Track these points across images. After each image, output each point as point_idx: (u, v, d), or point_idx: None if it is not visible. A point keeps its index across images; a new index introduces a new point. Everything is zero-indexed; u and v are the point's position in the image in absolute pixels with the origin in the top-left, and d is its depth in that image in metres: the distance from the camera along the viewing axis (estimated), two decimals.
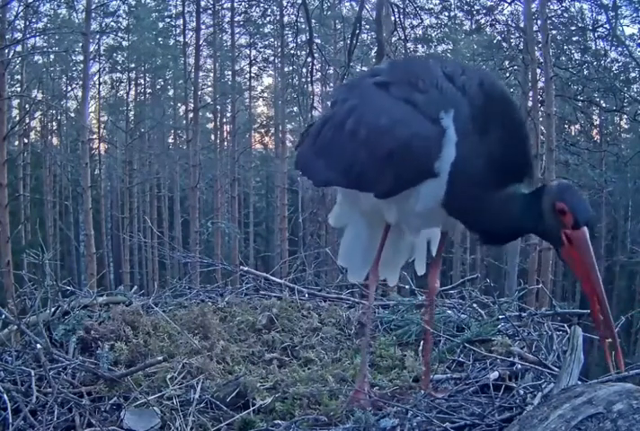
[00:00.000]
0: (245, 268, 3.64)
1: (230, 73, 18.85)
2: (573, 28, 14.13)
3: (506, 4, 13.04)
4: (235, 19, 17.30)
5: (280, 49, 17.67)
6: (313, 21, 10.45)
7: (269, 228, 23.18)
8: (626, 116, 14.75)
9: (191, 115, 16.67)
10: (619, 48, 13.85)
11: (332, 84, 15.37)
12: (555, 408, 1.57)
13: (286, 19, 15.46)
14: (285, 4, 15.04)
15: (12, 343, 2.45)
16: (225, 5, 17.07)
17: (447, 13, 16.67)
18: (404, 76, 2.11)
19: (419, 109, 1.99)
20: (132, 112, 21.42)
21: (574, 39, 15.25)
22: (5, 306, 2.61)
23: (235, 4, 16.87)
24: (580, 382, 1.90)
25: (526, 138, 2.06)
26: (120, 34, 18.37)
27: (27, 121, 17.93)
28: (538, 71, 10.85)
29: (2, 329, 2.57)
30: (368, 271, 2.40)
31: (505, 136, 1.98)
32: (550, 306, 3.06)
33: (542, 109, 10.73)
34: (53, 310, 2.65)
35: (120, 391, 2.11)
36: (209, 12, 16.80)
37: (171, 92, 22.62)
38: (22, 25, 14.13)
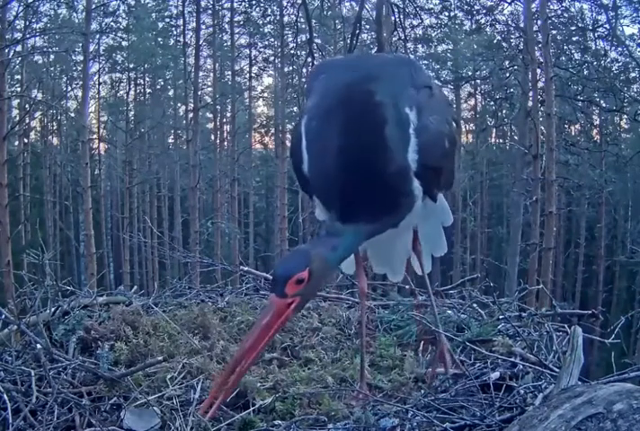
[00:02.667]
0: (245, 268, 3.64)
1: (230, 73, 18.85)
2: (573, 28, 14.13)
3: (506, 4, 13.05)
4: (235, 19, 17.30)
5: (280, 49, 17.66)
6: (313, 21, 10.46)
7: (269, 228, 23.18)
8: (626, 116, 14.74)
9: (191, 115, 16.66)
10: (619, 48, 13.86)
11: None
12: (555, 408, 1.57)
13: (286, 19, 15.47)
14: (285, 4, 15.04)
15: (12, 343, 2.45)
16: (225, 5, 17.08)
17: (447, 13, 16.68)
18: None
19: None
20: (132, 112, 21.41)
21: (574, 39, 15.26)
22: (5, 306, 2.60)
23: (235, 4, 16.87)
24: (580, 382, 1.90)
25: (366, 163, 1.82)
26: (119, 34, 18.36)
27: (27, 121, 17.91)
28: (538, 71, 10.84)
29: (2, 329, 2.57)
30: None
31: (334, 152, 1.86)
32: (550, 306, 3.05)
33: (542, 109, 10.72)
34: (53, 310, 2.65)
35: (120, 391, 2.10)
36: (209, 12, 16.80)
37: (171, 92, 22.61)
38: (22, 25, 14.09)
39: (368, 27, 11.22)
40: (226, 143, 21.56)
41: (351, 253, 1.97)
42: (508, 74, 13.90)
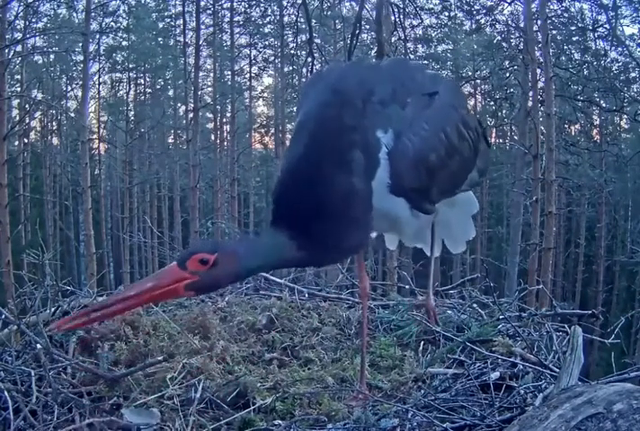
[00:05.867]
0: None
1: (230, 73, 18.87)
2: (573, 28, 14.15)
3: (506, 4, 13.07)
4: (235, 19, 17.33)
5: (280, 49, 17.69)
6: (313, 21, 10.47)
7: None
8: (626, 116, 14.76)
9: (191, 115, 16.66)
10: (619, 48, 13.88)
11: None
12: (555, 408, 1.57)
13: (286, 19, 15.51)
14: (285, 4, 15.07)
15: (12, 343, 2.44)
16: (225, 5, 17.11)
17: (447, 13, 16.73)
18: None
19: None
20: (132, 112, 21.43)
21: (574, 39, 15.28)
22: (5, 306, 2.60)
23: (235, 4, 16.90)
24: (580, 383, 1.90)
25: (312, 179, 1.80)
26: (119, 34, 18.40)
27: (27, 121, 17.95)
28: (538, 71, 10.85)
29: (2, 329, 2.57)
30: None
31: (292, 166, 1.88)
32: (550, 306, 3.05)
33: (542, 109, 10.73)
34: (53, 310, 2.65)
35: (120, 391, 2.10)
36: (209, 12, 16.81)
37: (171, 92, 22.66)
38: (22, 25, 14.14)
39: (368, 27, 11.23)
40: (226, 143, 21.58)
41: (266, 263, 1.87)
42: (508, 74, 13.93)
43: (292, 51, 14.80)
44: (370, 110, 1.92)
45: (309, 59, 8.85)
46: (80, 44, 13.68)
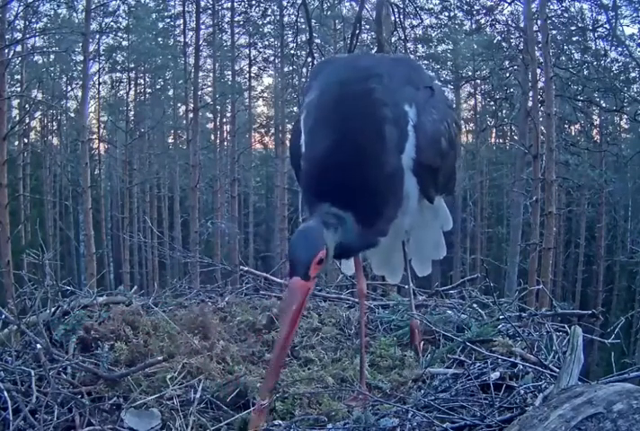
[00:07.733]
0: (245, 268, 3.64)
1: (230, 73, 18.86)
2: (573, 28, 14.14)
3: (506, 4, 13.06)
4: (235, 19, 17.30)
5: (280, 49, 17.68)
6: (313, 21, 10.47)
7: (269, 228, 23.18)
8: (626, 116, 14.75)
9: (191, 115, 16.64)
10: (619, 48, 13.87)
11: None
12: (555, 408, 1.56)
13: (286, 19, 15.51)
14: (285, 4, 15.06)
15: (12, 343, 2.44)
16: (224, 5, 17.10)
17: (447, 13, 16.72)
18: None
19: None
20: (132, 112, 21.41)
21: (574, 39, 15.27)
22: (5, 306, 2.60)
23: (235, 4, 16.88)
24: (580, 383, 1.90)
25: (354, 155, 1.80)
26: (119, 34, 18.38)
27: (27, 121, 17.94)
28: (538, 71, 10.85)
29: (2, 329, 2.56)
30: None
31: (330, 147, 1.85)
32: (550, 306, 3.05)
33: (542, 109, 10.72)
34: (53, 310, 2.64)
35: (120, 391, 2.10)
36: (209, 12, 16.80)
37: (171, 92, 22.63)
38: (22, 25, 14.14)
39: (368, 27, 11.25)
40: (226, 143, 21.57)
41: (348, 240, 1.83)
42: (508, 74, 13.94)
43: (292, 51, 14.79)
44: (394, 86, 1.96)
45: (309, 59, 8.86)
46: (80, 44, 13.66)
